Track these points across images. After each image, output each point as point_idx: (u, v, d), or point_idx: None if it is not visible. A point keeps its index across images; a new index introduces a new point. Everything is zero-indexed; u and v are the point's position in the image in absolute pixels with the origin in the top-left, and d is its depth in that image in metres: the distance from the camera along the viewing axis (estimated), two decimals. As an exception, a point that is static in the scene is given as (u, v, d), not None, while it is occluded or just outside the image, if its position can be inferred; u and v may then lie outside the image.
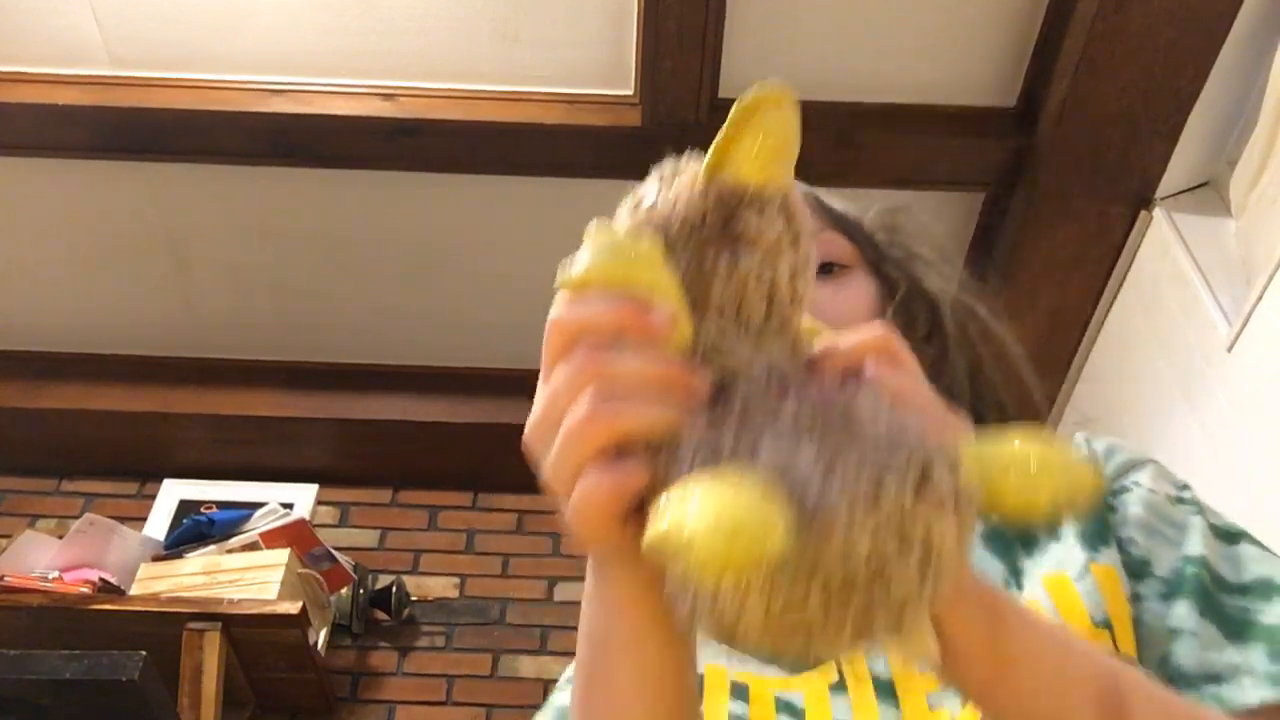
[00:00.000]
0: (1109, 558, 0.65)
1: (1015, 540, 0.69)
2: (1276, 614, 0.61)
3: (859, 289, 0.76)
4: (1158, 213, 2.18)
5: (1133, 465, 0.71)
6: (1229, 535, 0.68)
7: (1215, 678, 0.60)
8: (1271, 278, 1.79)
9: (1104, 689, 0.49)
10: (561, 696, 0.70)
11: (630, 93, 2.23)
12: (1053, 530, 0.68)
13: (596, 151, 2.25)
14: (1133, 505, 0.68)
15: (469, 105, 2.26)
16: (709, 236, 0.46)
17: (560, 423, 0.43)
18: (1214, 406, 1.95)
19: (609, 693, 0.51)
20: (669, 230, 0.46)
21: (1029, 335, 2.42)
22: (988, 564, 0.68)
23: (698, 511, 0.37)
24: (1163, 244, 2.16)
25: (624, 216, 0.48)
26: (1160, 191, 2.18)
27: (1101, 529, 0.67)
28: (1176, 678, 0.61)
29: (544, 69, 2.23)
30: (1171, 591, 0.64)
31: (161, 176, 2.44)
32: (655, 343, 0.43)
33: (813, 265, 0.48)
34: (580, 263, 0.44)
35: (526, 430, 0.46)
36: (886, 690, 0.64)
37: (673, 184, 0.47)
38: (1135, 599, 0.64)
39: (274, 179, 2.42)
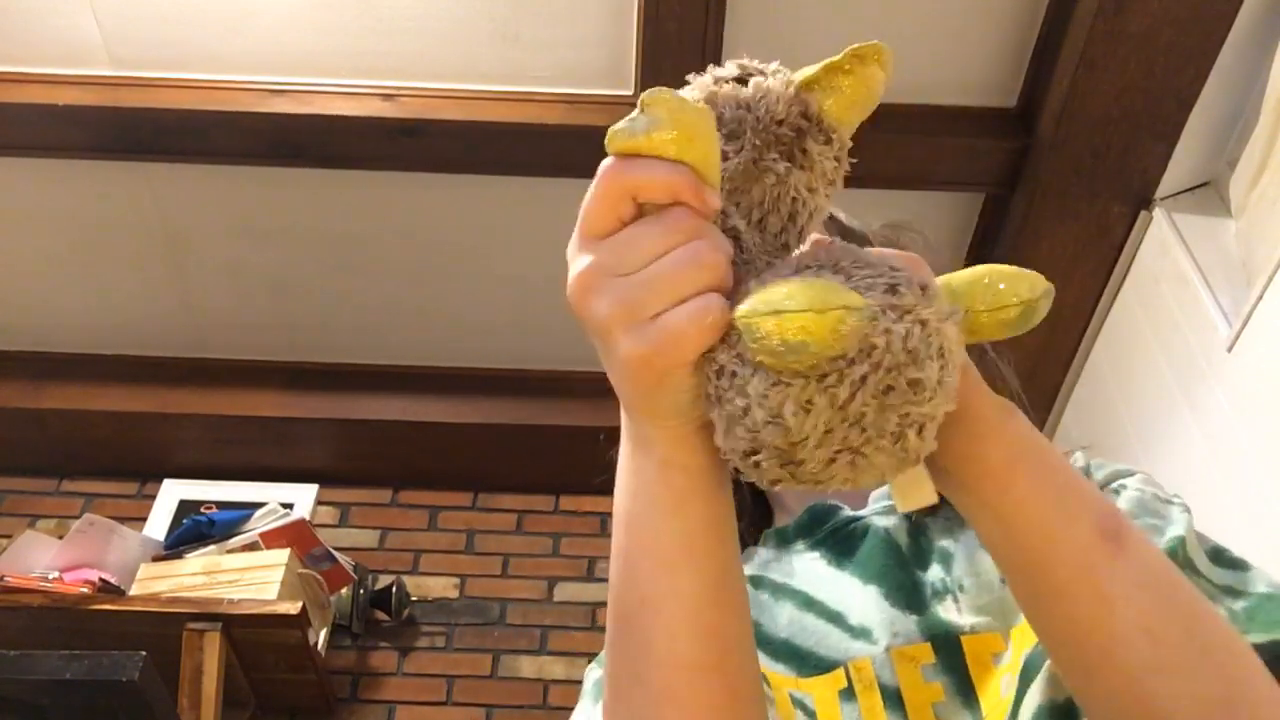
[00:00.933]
0: None
1: None
2: (1238, 605, 0.61)
3: None
4: (1158, 213, 2.18)
5: (1122, 473, 0.72)
6: (1212, 550, 0.67)
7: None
8: (1271, 278, 1.79)
9: (1104, 512, 0.51)
10: (597, 672, 0.69)
11: (630, 93, 2.23)
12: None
13: (597, 152, 2.23)
14: (1121, 501, 0.68)
15: (469, 105, 2.26)
16: (779, 138, 0.49)
17: (634, 270, 0.45)
18: (1214, 407, 1.95)
19: (654, 562, 0.51)
20: (746, 116, 0.49)
21: (1029, 335, 2.43)
22: (985, 562, 0.67)
23: (786, 303, 0.42)
24: (1163, 244, 2.16)
25: (702, 84, 0.50)
26: (1160, 192, 2.18)
27: None
28: None
29: (544, 69, 2.23)
30: None
31: (162, 177, 2.44)
32: (710, 219, 0.46)
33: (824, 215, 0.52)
34: (641, 124, 0.45)
35: (575, 280, 0.46)
36: (894, 700, 0.63)
37: (765, 77, 0.50)
38: None
39: (274, 179, 2.42)
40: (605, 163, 0.46)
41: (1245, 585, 0.63)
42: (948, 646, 0.64)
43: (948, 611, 0.65)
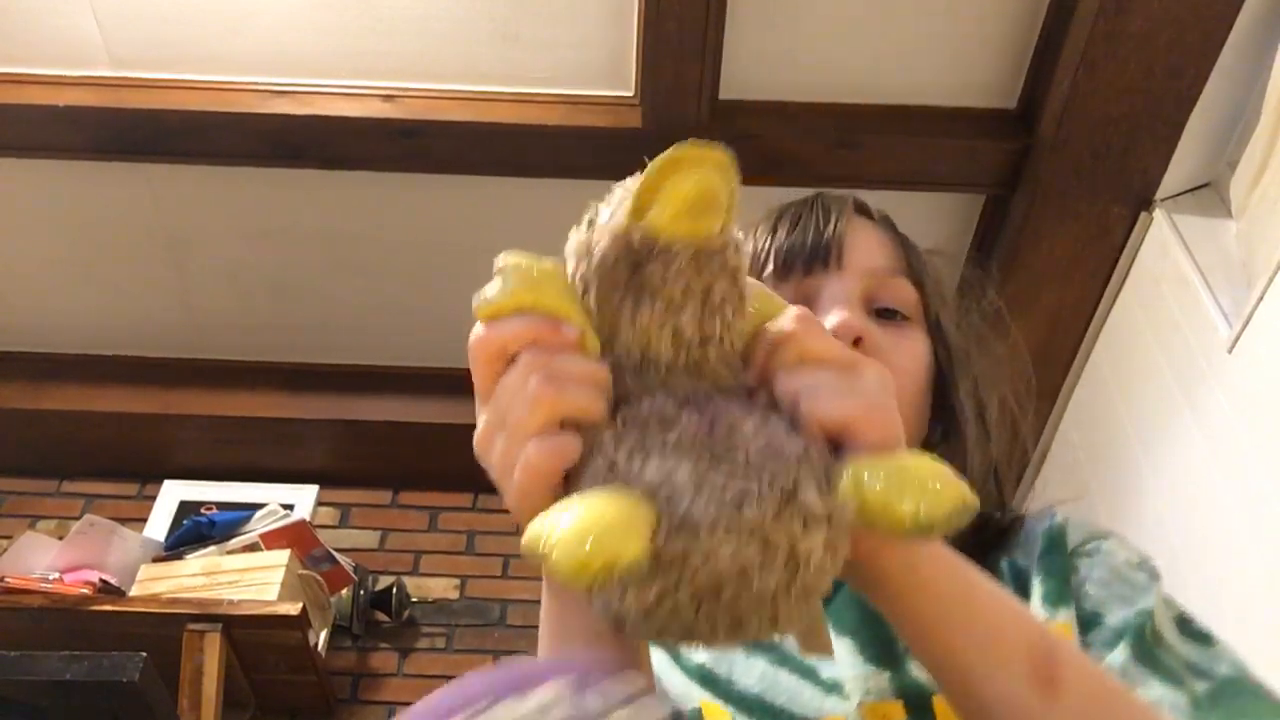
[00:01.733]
0: (1065, 616, 0.67)
1: None
2: (1201, 687, 0.62)
3: (916, 344, 0.77)
4: (1158, 214, 2.18)
5: (1095, 537, 0.73)
6: (1179, 618, 0.69)
7: None
8: (1272, 279, 1.79)
9: (1036, 649, 0.52)
10: None
11: (631, 94, 2.23)
12: (1020, 586, 0.70)
13: (596, 152, 2.25)
14: (1095, 566, 0.70)
15: (470, 106, 2.26)
16: (617, 281, 0.49)
17: (502, 420, 0.48)
18: (1214, 408, 1.94)
19: None
20: (588, 266, 0.50)
21: (1029, 336, 2.43)
22: None
23: (565, 522, 0.43)
24: (1163, 245, 2.16)
25: (570, 239, 0.52)
26: (1161, 193, 2.18)
27: (1062, 588, 0.69)
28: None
29: (544, 70, 2.23)
30: (1115, 639, 0.65)
31: (162, 177, 2.44)
32: (571, 351, 0.49)
33: (740, 302, 0.51)
34: (491, 291, 0.49)
35: (476, 440, 0.51)
36: None
37: (610, 217, 0.51)
38: (1085, 648, 0.65)
39: (275, 180, 2.42)
40: (472, 334, 0.50)
41: (1210, 664, 0.64)
42: (920, 705, 0.65)
43: (920, 669, 0.66)
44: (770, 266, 0.77)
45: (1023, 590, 0.70)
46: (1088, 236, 2.27)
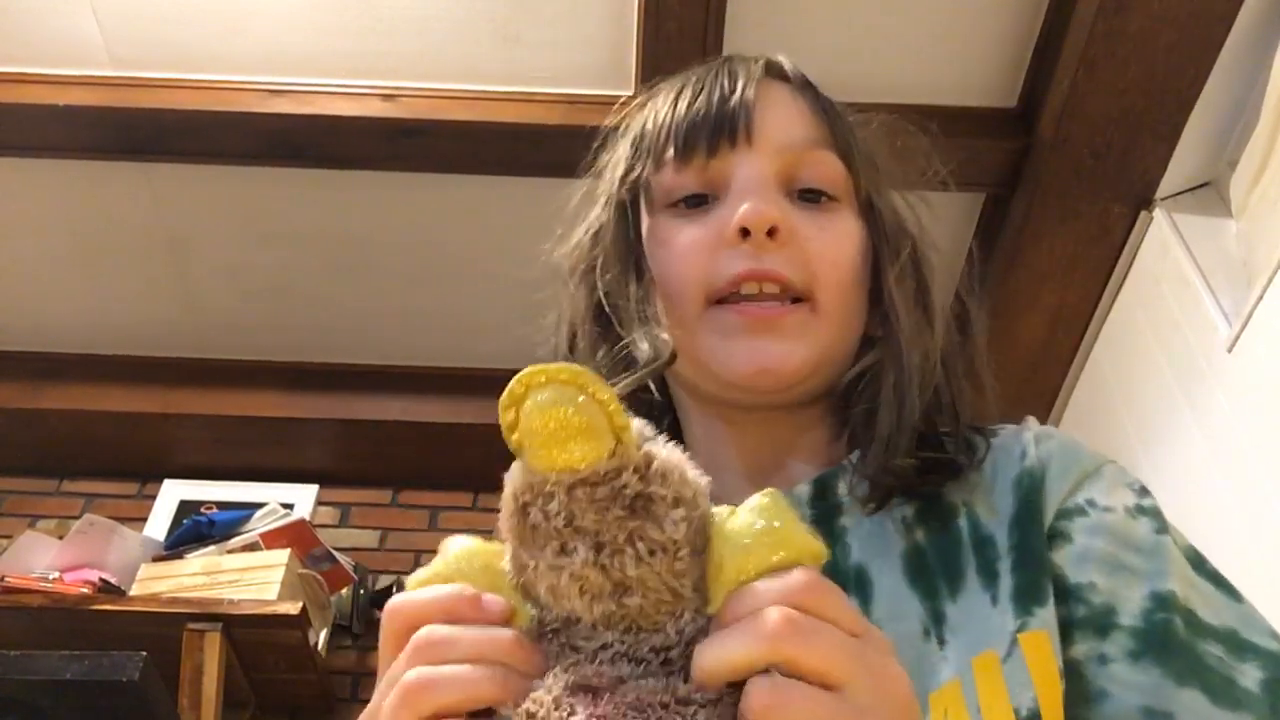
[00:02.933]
0: (1041, 620, 0.58)
1: (939, 575, 0.62)
2: (1253, 678, 0.56)
3: (844, 229, 0.68)
4: (1158, 213, 2.18)
5: (1085, 477, 0.64)
6: (1194, 559, 0.62)
7: None
8: (1272, 278, 1.79)
9: None
10: None
11: (631, 93, 2.22)
12: (985, 562, 0.61)
13: (597, 153, 2.25)
14: (1091, 536, 0.61)
15: (470, 106, 2.26)
16: (516, 530, 0.45)
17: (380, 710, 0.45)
18: (1214, 407, 1.94)
19: None
20: (501, 520, 0.46)
21: (1029, 335, 2.43)
22: (907, 604, 0.61)
23: None
24: (1163, 244, 2.16)
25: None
26: (1161, 192, 2.18)
27: (1038, 579, 0.59)
28: None
29: (545, 69, 2.23)
30: (1142, 649, 0.57)
31: (162, 177, 2.44)
32: (488, 621, 0.44)
33: (667, 536, 0.42)
34: (422, 569, 0.47)
35: (367, 712, 0.47)
36: None
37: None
38: (1101, 661, 0.57)
39: (275, 180, 2.42)
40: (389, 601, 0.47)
41: (1246, 630, 0.58)
42: (1010, 647, 0.58)
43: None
44: (670, 150, 0.69)
45: (988, 570, 0.60)
46: (1088, 236, 2.27)
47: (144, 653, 1.88)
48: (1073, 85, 2.04)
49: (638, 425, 0.44)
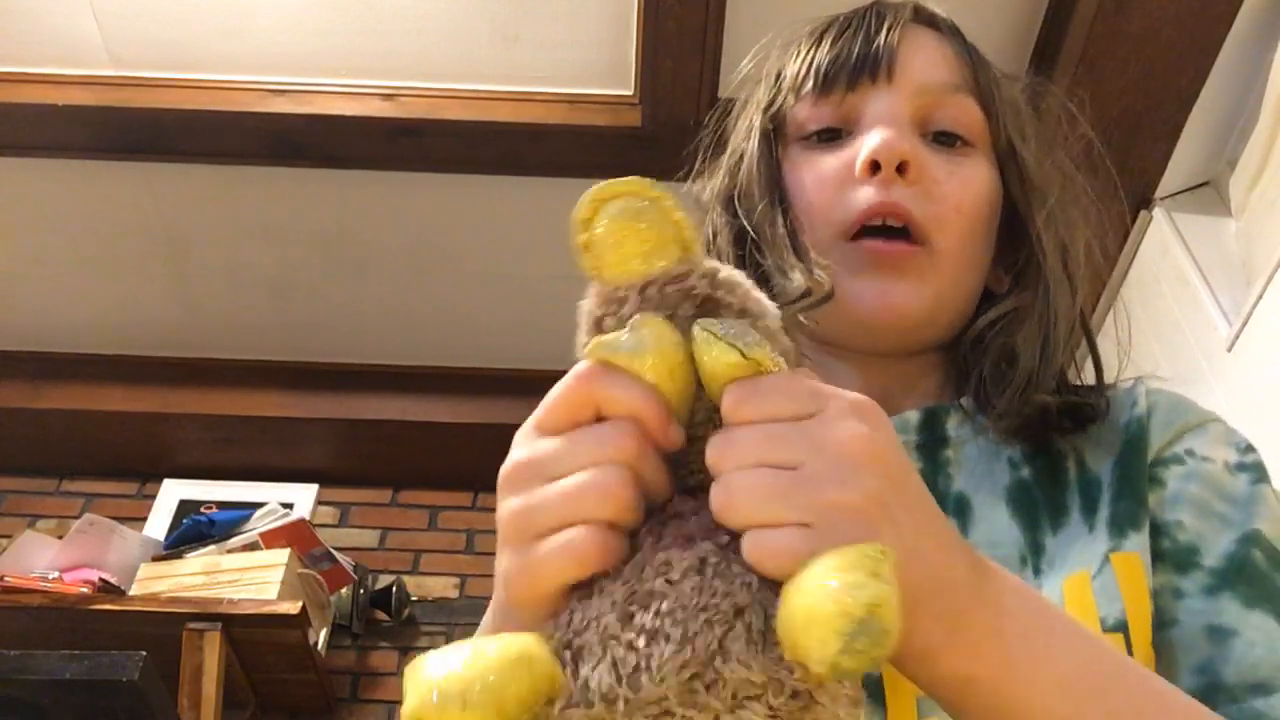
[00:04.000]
0: (1135, 543, 0.59)
1: (1042, 510, 0.63)
2: None
3: (977, 174, 0.68)
4: (1158, 213, 2.18)
5: (1188, 429, 0.65)
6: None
7: (1261, 688, 0.54)
8: (1271, 278, 1.79)
9: (1123, 687, 0.46)
10: None
11: (630, 93, 2.23)
12: (1088, 503, 0.62)
13: (596, 151, 2.25)
14: (1186, 481, 0.62)
15: (469, 105, 2.26)
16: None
17: (557, 476, 0.43)
18: (1214, 406, 1.93)
19: None
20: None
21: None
22: (1006, 533, 0.62)
23: (452, 666, 0.38)
24: (1163, 244, 2.16)
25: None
26: (1160, 191, 2.18)
27: (1135, 509, 0.61)
28: (1217, 690, 0.55)
29: (544, 69, 2.23)
30: (1219, 584, 0.58)
31: (162, 177, 2.44)
32: (666, 446, 0.43)
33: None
34: (626, 344, 0.43)
35: (504, 470, 0.45)
36: (875, 690, 0.58)
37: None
38: (1176, 594, 0.58)
39: (274, 179, 2.42)
40: (581, 366, 0.44)
41: None
42: (1102, 564, 0.60)
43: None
44: (810, 83, 0.69)
45: (1089, 506, 0.62)
46: (1087, 222, 2.27)
47: (144, 652, 1.88)
48: (1072, 85, 2.04)
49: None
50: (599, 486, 0.41)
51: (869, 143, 0.65)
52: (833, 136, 0.69)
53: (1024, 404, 0.63)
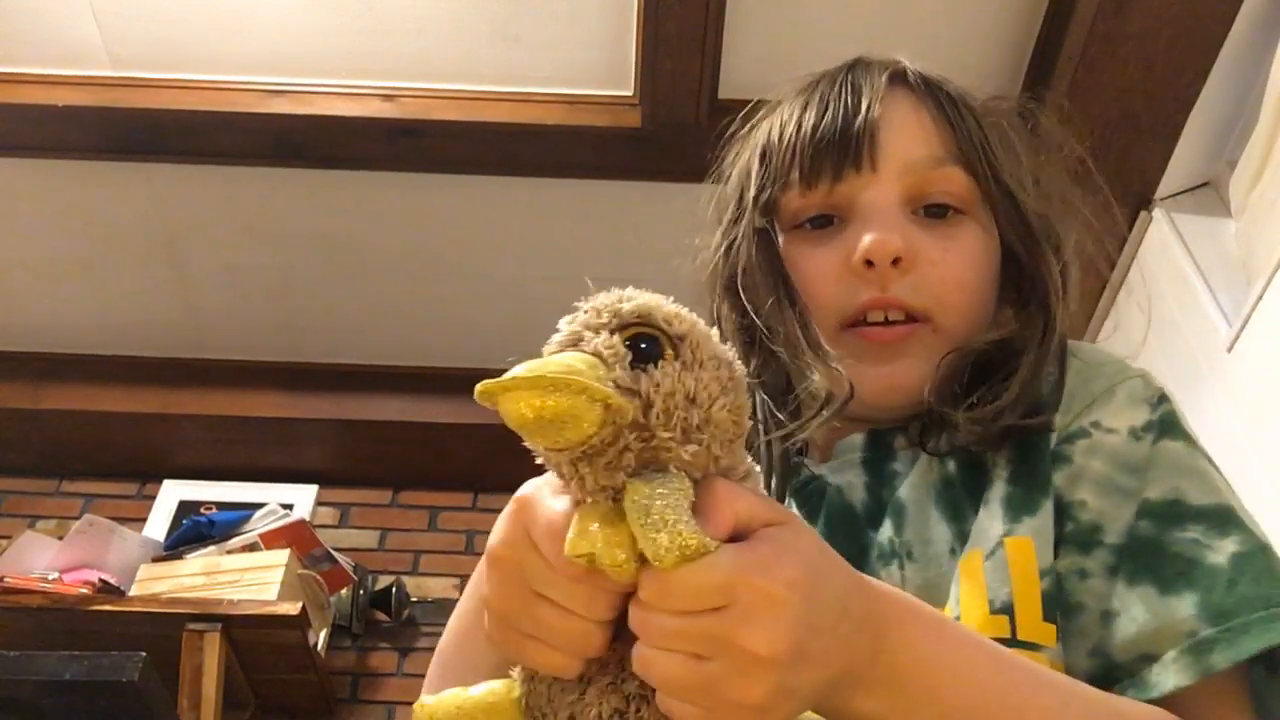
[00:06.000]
0: (1029, 528, 0.61)
1: (966, 498, 0.65)
2: (1226, 552, 0.58)
3: (970, 245, 0.70)
4: (1157, 213, 2.18)
5: (1094, 399, 0.65)
6: (1199, 449, 0.65)
7: (1148, 656, 0.57)
8: (1271, 278, 1.79)
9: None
10: None
11: (630, 93, 2.23)
12: (995, 488, 0.65)
13: (596, 152, 2.25)
14: (1089, 456, 0.63)
15: (469, 106, 2.26)
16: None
17: (540, 596, 0.49)
18: (1214, 407, 1.94)
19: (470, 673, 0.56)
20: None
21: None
22: (935, 529, 0.65)
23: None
24: (1163, 244, 2.16)
25: None
26: (1160, 192, 2.18)
27: (1030, 493, 0.62)
28: (1112, 669, 0.58)
29: (544, 69, 2.23)
30: (1118, 561, 0.60)
31: (161, 177, 2.44)
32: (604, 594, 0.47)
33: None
34: (575, 539, 0.46)
35: (495, 553, 0.52)
36: None
37: None
38: (1081, 575, 0.61)
39: (274, 180, 2.42)
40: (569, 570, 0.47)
41: (1240, 510, 0.62)
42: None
43: (891, 580, 0.64)
44: (795, 171, 0.70)
45: (995, 486, 0.64)
46: (1087, 235, 2.27)
47: (143, 653, 1.88)
48: (1072, 84, 2.04)
49: (611, 348, 0.45)
50: (564, 634, 0.48)
51: (863, 243, 0.67)
52: (824, 222, 0.71)
53: (994, 421, 0.65)
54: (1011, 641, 0.58)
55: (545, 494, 0.50)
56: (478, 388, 0.45)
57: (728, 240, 0.76)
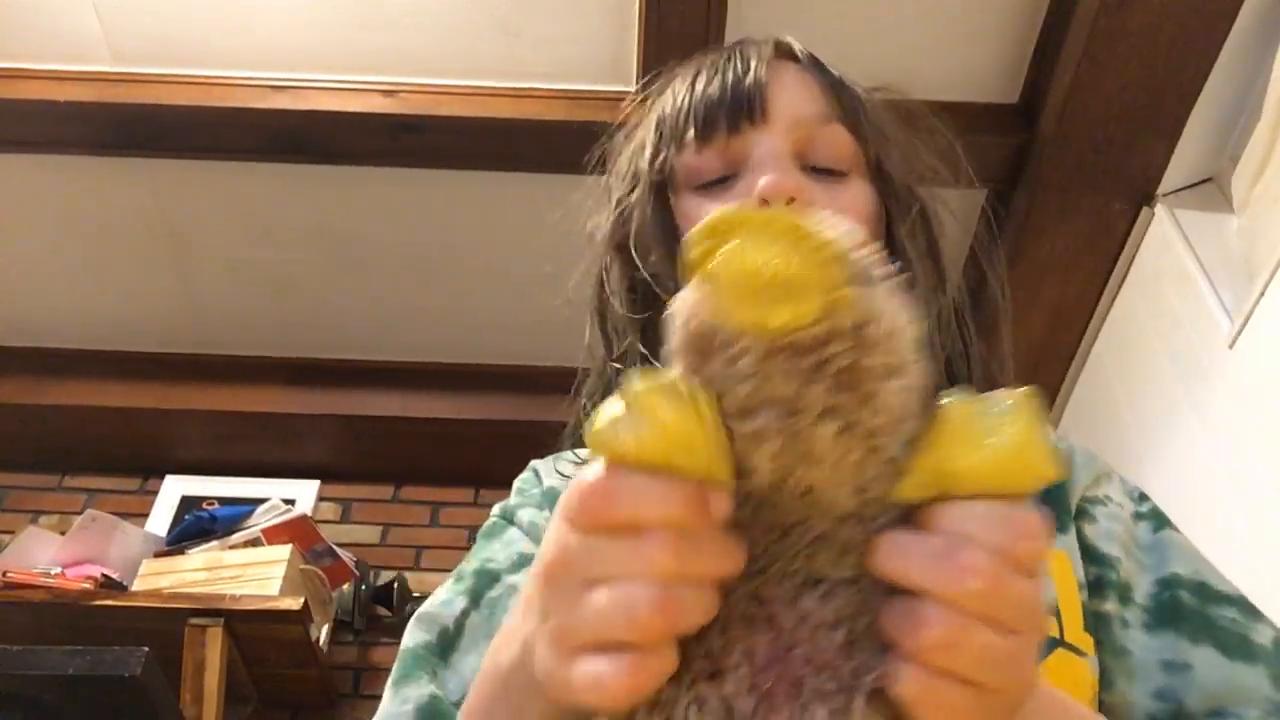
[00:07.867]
0: (1062, 543, 0.65)
1: None
2: (1266, 636, 0.62)
3: (856, 196, 0.72)
4: (1159, 209, 2.18)
5: (1102, 475, 0.70)
6: (1196, 551, 0.68)
7: (1219, 712, 0.59)
8: (1273, 274, 1.79)
9: None
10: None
11: (633, 89, 2.22)
12: None
13: (606, 144, 2.24)
14: (1111, 521, 0.67)
15: (471, 101, 2.26)
16: (692, 371, 0.39)
17: (595, 582, 0.38)
18: (1215, 403, 1.94)
19: None
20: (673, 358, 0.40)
21: (1031, 331, 2.43)
22: None
23: None
24: (1165, 240, 2.15)
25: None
26: (1162, 188, 2.18)
27: (1057, 514, 0.66)
28: (1180, 714, 0.60)
29: (546, 65, 2.23)
30: (1156, 623, 0.63)
31: (163, 173, 2.44)
32: (711, 534, 0.39)
33: (876, 411, 0.37)
34: (622, 429, 0.37)
35: (542, 564, 0.41)
36: None
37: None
38: (1123, 624, 0.63)
39: (275, 175, 2.42)
40: (590, 474, 0.39)
41: (1252, 603, 0.63)
42: None
43: None
44: (690, 130, 0.72)
45: None
46: (1089, 232, 2.27)
47: (146, 648, 1.88)
48: (1074, 81, 2.03)
49: (858, 257, 0.37)
50: (627, 610, 0.37)
51: (759, 185, 0.68)
52: (723, 181, 0.73)
53: None
54: (1059, 643, 0.60)
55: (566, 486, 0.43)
56: (719, 217, 0.37)
57: (620, 209, 0.78)
